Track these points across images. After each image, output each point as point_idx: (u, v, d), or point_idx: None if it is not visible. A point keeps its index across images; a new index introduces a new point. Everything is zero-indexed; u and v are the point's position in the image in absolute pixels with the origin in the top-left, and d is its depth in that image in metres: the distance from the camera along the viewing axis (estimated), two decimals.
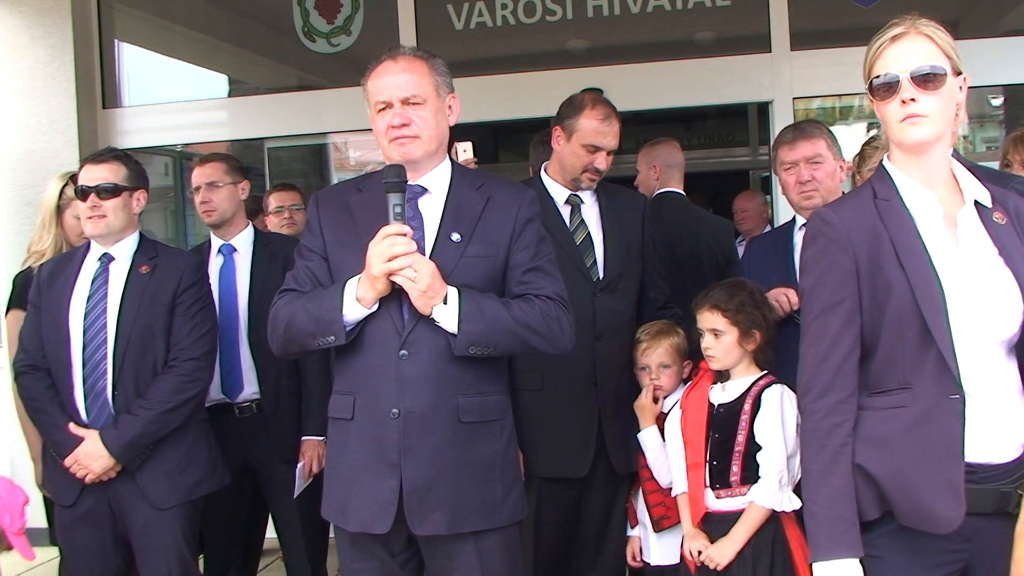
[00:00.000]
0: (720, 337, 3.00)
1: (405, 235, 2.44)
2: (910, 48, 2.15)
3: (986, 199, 2.20)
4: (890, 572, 2.16)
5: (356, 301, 2.49)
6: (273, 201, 4.91)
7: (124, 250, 3.40)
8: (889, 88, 2.15)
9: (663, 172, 4.62)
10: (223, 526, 3.91)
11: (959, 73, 2.17)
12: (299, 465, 3.80)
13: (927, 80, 2.12)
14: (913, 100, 2.12)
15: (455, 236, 2.59)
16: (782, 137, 3.41)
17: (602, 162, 3.39)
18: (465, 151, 4.04)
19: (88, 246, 3.44)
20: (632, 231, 3.49)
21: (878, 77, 2.17)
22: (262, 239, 4.02)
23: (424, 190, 2.65)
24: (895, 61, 2.15)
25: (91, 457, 3.21)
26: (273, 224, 4.88)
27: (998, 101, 6.44)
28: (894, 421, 2.12)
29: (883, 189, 2.21)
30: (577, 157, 3.38)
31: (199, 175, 3.93)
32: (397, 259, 2.41)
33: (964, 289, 2.10)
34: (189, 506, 3.36)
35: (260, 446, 3.82)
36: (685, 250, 4.24)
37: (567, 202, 3.44)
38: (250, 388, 3.82)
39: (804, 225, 3.30)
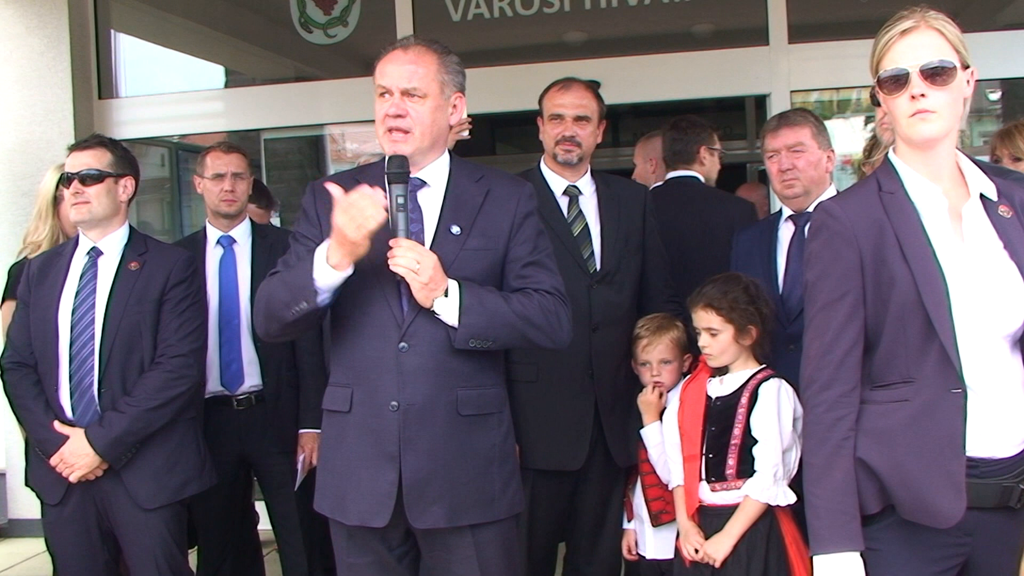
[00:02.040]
0: (716, 336, 2.99)
1: (368, 197, 2.38)
2: (920, 42, 2.13)
3: (992, 192, 2.20)
4: (891, 565, 2.16)
5: (329, 267, 2.44)
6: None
7: (113, 244, 3.37)
8: (898, 82, 2.14)
9: (659, 165, 4.61)
10: (218, 520, 3.91)
11: (967, 66, 2.16)
12: (300, 457, 3.81)
13: (937, 75, 2.11)
14: (923, 95, 2.11)
15: (455, 229, 2.59)
16: (767, 125, 3.43)
17: (569, 128, 3.40)
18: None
19: (77, 240, 3.42)
20: (632, 222, 3.48)
21: (887, 71, 2.16)
22: (260, 231, 4.02)
23: (423, 183, 2.64)
24: (904, 55, 2.13)
25: (76, 455, 3.18)
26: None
27: (996, 95, 6.43)
28: (896, 415, 2.12)
29: (888, 182, 2.20)
30: (548, 134, 3.45)
31: (226, 162, 3.88)
32: (371, 218, 2.37)
33: (968, 283, 2.09)
34: (176, 505, 3.33)
35: (258, 439, 3.82)
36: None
37: (565, 193, 3.44)
38: (250, 380, 3.82)
39: (790, 217, 3.31)
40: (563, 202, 3.43)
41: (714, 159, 4.32)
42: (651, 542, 3.28)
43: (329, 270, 2.45)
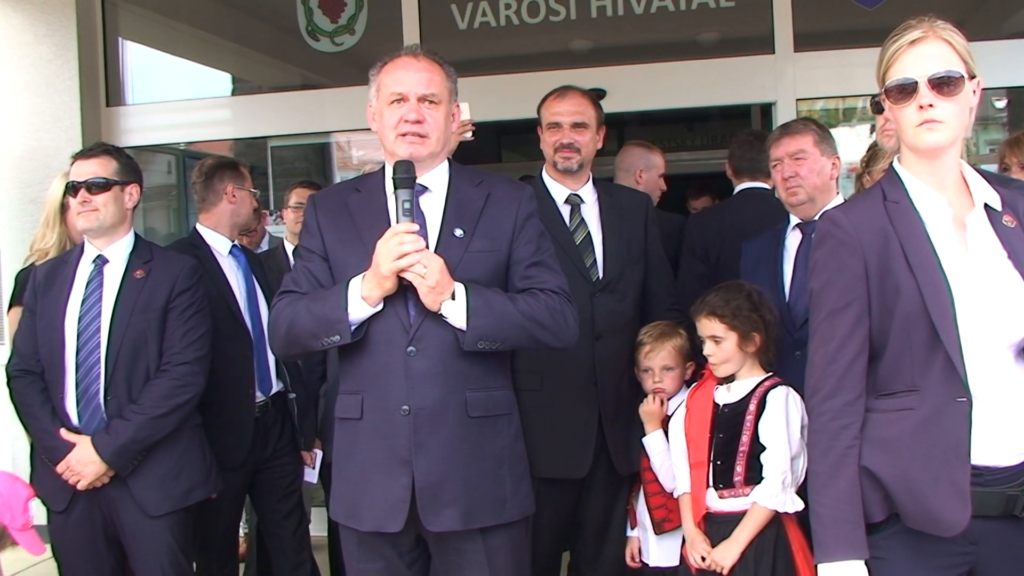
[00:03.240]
0: (720, 343, 3.00)
1: (413, 233, 2.44)
2: (928, 52, 2.13)
3: (996, 202, 2.20)
4: (895, 574, 2.16)
5: (361, 300, 2.49)
6: (295, 196, 4.92)
7: (119, 252, 3.37)
8: (905, 92, 2.14)
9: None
10: (224, 527, 3.90)
11: (974, 76, 2.16)
12: (316, 452, 3.88)
13: (945, 85, 2.11)
14: (931, 105, 2.11)
15: (458, 232, 2.60)
16: (771, 136, 3.48)
17: (568, 136, 3.42)
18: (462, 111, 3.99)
19: (82, 248, 3.42)
20: (634, 231, 3.49)
21: (894, 80, 2.15)
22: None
23: (425, 188, 2.66)
24: (913, 65, 2.13)
25: (83, 463, 3.18)
26: (289, 219, 4.89)
27: (1001, 103, 6.43)
28: (901, 423, 2.12)
29: (893, 191, 2.21)
30: (547, 143, 3.48)
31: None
32: (406, 257, 2.42)
33: (973, 292, 2.09)
34: (182, 511, 3.34)
35: (273, 442, 3.85)
36: None
37: (567, 201, 3.45)
38: (277, 386, 3.87)
39: (797, 225, 3.33)
40: (565, 211, 3.45)
41: None
42: (654, 550, 3.29)
43: (362, 303, 2.49)
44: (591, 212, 3.48)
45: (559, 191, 3.46)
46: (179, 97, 6.63)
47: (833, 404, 2.17)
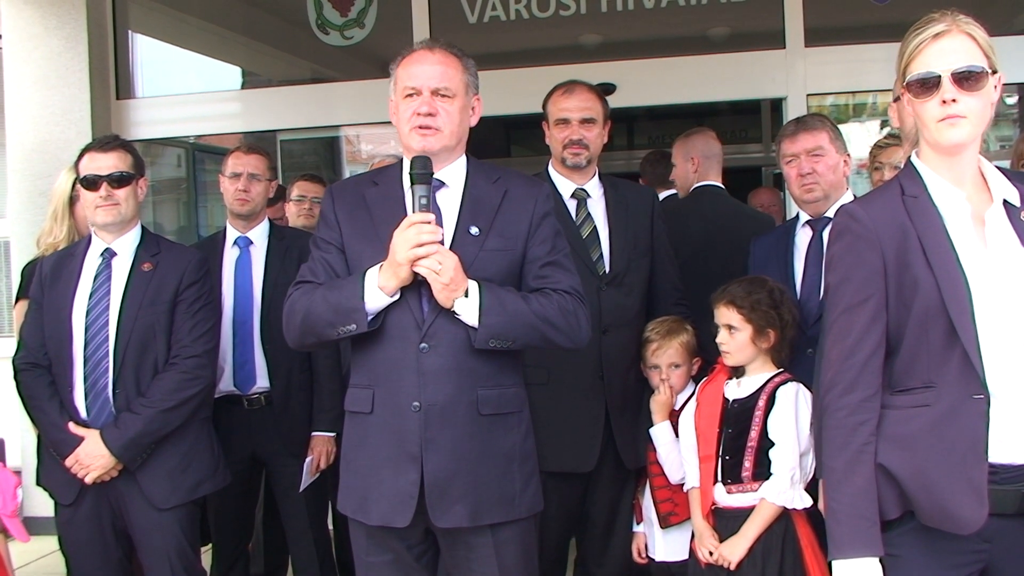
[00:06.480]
0: (734, 334, 3.00)
1: (430, 223, 2.44)
2: (952, 46, 2.12)
3: (1015, 198, 2.18)
4: (910, 571, 2.16)
5: (378, 290, 2.48)
6: (296, 190, 4.91)
7: (126, 245, 3.37)
8: (927, 86, 2.12)
9: (702, 164, 4.50)
10: (233, 518, 3.93)
11: (995, 71, 2.15)
12: (308, 460, 3.81)
13: (968, 79, 2.09)
14: (954, 100, 2.09)
15: (473, 230, 2.60)
16: (784, 130, 3.42)
17: (577, 132, 3.41)
18: None
19: (89, 240, 3.41)
20: (640, 226, 3.49)
21: (917, 74, 2.14)
22: (277, 233, 4.01)
23: (442, 183, 2.65)
24: (937, 59, 2.11)
25: (91, 456, 3.18)
26: (291, 212, 4.89)
27: (1013, 100, 6.41)
28: (917, 420, 2.11)
29: (911, 186, 2.19)
30: (555, 139, 3.47)
31: (244, 163, 3.90)
32: (423, 246, 2.42)
33: (991, 288, 2.08)
34: (190, 504, 3.35)
35: (268, 439, 3.82)
36: (724, 246, 4.10)
37: (573, 196, 3.45)
38: (262, 382, 3.81)
39: (807, 223, 3.31)
40: (571, 205, 3.45)
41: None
42: (661, 544, 3.29)
43: (379, 293, 2.48)
44: (597, 207, 3.47)
45: (565, 186, 3.46)
46: (189, 90, 6.65)
47: (850, 400, 2.16)
